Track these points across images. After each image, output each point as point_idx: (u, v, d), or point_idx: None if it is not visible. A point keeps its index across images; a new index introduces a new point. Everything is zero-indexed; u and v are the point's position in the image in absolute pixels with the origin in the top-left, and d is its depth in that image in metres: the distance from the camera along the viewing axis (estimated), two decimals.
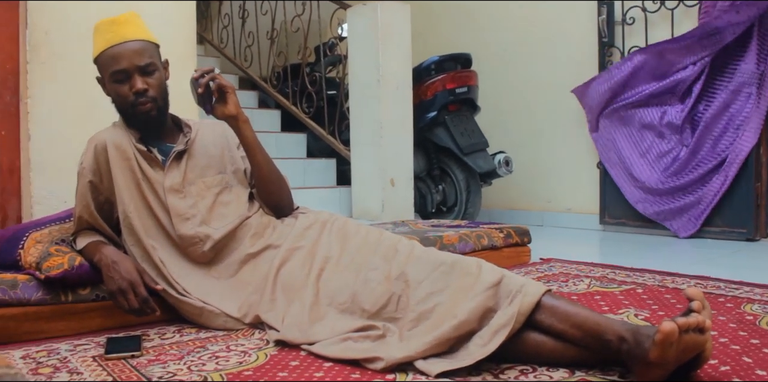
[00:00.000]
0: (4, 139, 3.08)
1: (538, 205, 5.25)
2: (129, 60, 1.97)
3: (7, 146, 3.09)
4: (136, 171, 2.04)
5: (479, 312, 1.53)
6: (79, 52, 3.05)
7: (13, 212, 3.10)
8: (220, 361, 1.63)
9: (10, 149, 3.09)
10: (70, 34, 3.06)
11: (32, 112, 2.99)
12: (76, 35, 3.06)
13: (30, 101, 2.99)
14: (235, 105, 2.04)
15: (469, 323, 1.52)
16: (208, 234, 1.99)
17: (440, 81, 4.51)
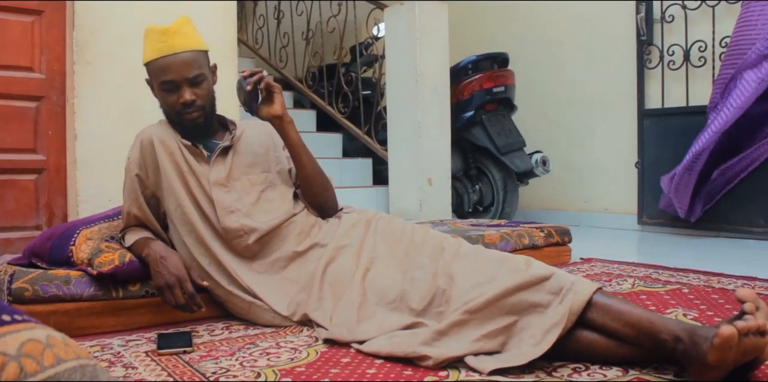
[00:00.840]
0: (51, 139, 3.14)
1: (575, 205, 5.21)
2: (178, 72, 1.99)
3: (54, 146, 3.14)
4: (182, 164, 2.07)
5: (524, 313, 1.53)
6: (125, 52, 3.10)
7: (60, 211, 3.16)
8: (271, 357, 1.64)
9: (57, 149, 3.15)
10: (115, 35, 3.11)
11: (78, 112, 3.04)
12: (121, 36, 3.11)
13: (76, 101, 3.04)
14: (281, 105, 2.06)
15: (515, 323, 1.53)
16: (253, 227, 2.01)
17: (477, 80, 4.51)
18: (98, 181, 3.05)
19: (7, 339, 0.70)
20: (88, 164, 3.04)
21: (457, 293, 1.67)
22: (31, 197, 3.12)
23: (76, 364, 0.74)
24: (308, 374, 1.50)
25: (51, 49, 3.15)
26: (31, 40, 3.12)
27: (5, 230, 3.06)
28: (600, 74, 4.90)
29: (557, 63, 5.26)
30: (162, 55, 1.99)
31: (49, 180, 3.15)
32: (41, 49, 3.14)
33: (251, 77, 2.02)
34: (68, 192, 3.16)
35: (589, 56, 5.02)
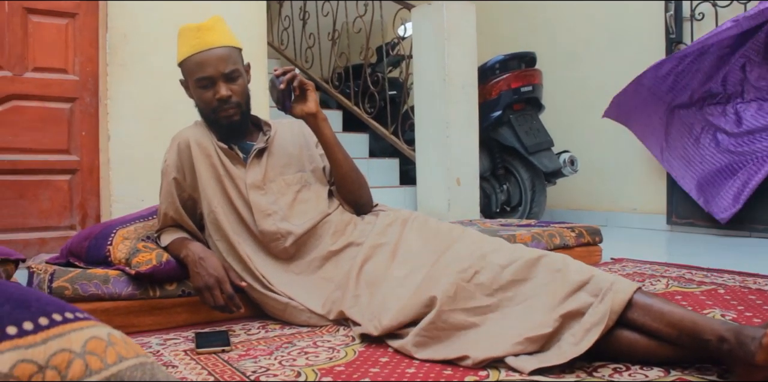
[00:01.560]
0: (84, 140, 3.17)
1: (603, 205, 5.18)
2: (214, 67, 2.00)
3: (87, 146, 3.18)
4: (218, 167, 2.08)
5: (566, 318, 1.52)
6: (156, 54, 3.13)
7: (93, 211, 3.19)
8: (309, 357, 1.65)
9: (90, 149, 3.18)
10: (147, 36, 3.15)
11: (111, 113, 3.07)
12: (153, 38, 3.14)
13: (109, 102, 3.07)
14: (315, 103, 2.07)
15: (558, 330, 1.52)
16: (289, 230, 2.02)
17: (505, 80, 4.50)
18: (131, 181, 3.08)
19: (72, 336, 0.71)
20: (121, 165, 3.08)
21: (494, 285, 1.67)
22: (65, 197, 3.15)
23: (137, 362, 0.75)
24: (348, 374, 1.50)
25: (84, 51, 3.19)
26: (65, 42, 3.15)
27: (40, 229, 3.10)
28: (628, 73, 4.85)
29: (585, 62, 5.23)
30: (197, 51, 2.01)
31: (82, 180, 3.18)
32: (75, 51, 3.18)
33: (284, 76, 2.03)
34: (101, 192, 3.19)
35: (616, 55, 4.98)
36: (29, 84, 3.07)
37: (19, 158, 3.05)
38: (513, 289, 1.65)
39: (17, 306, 0.70)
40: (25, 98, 3.07)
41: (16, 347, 0.65)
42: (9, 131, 3.03)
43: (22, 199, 3.06)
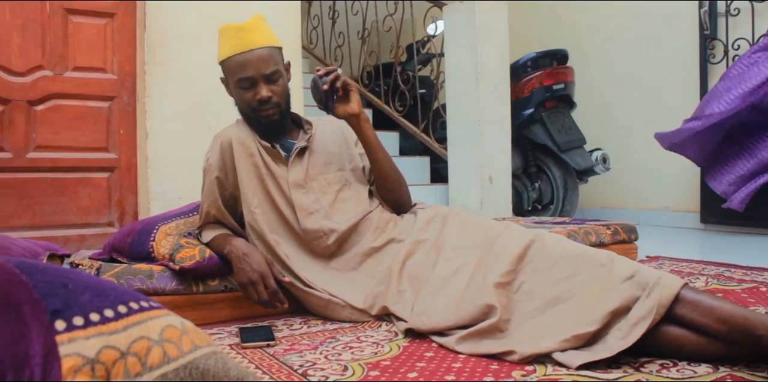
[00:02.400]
0: (122, 138, 3.21)
1: (634, 203, 5.15)
2: (255, 68, 2.01)
3: (125, 145, 3.22)
4: (260, 166, 2.09)
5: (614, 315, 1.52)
6: (194, 52, 3.16)
7: (131, 208, 3.23)
8: (354, 351, 1.66)
9: (128, 148, 3.22)
10: (185, 35, 3.18)
11: (149, 111, 3.11)
12: (190, 37, 3.17)
13: (147, 101, 3.10)
14: (357, 103, 2.08)
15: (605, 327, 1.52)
16: (332, 228, 2.03)
17: (537, 78, 4.49)
18: (168, 178, 3.11)
19: (149, 324, 0.73)
20: (159, 162, 3.11)
21: (539, 289, 1.67)
22: (104, 195, 3.19)
23: (209, 350, 0.77)
24: (395, 368, 1.51)
25: (122, 50, 3.23)
26: (103, 41, 3.19)
27: (80, 226, 3.14)
28: (661, 70, 4.83)
29: (616, 59, 5.20)
30: (238, 52, 2.02)
31: (120, 178, 3.22)
32: (113, 50, 3.21)
33: (327, 76, 2.04)
34: (139, 190, 3.22)
35: (649, 52, 4.95)
36: (69, 83, 3.12)
37: (59, 156, 3.10)
38: (559, 287, 1.65)
39: (96, 294, 0.72)
40: (65, 97, 3.11)
41: (99, 333, 0.67)
42: (50, 129, 3.07)
43: (63, 196, 3.10)
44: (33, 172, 3.05)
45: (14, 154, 3.00)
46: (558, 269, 1.69)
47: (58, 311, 0.66)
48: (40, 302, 0.66)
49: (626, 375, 1.41)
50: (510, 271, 1.73)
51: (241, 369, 0.80)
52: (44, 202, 3.07)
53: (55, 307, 0.66)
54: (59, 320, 0.66)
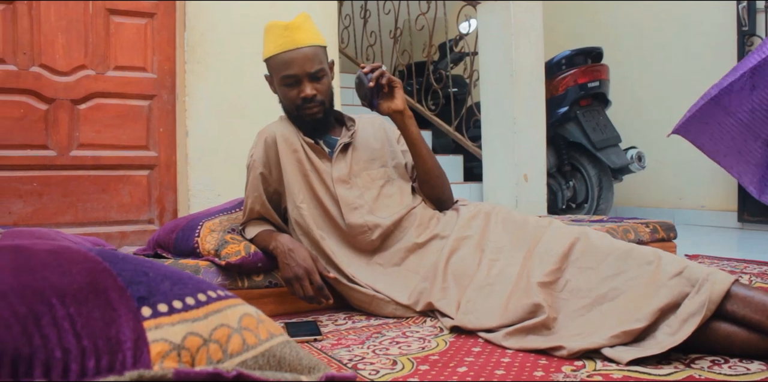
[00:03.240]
0: (162, 136, 3.25)
1: (669, 202, 5.11)
2: (300, 67, 2.04)
3: (165, 142, 3.26)
4: (304, 162, 2.11)
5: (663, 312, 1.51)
6: (233, 51, 3.19)
7: (170, 205, 3.27)
8: (401, 346, 1.67)
9: (167, 145, 3.26)
10: (224, 34, 3.21)
11: (190, 109, 3.14)
12: (229, 35, 3.21)
13: (188, 99, 3.14)
14: (402, 100, 2.09)
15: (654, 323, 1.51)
16: (376, 223, 2.04)
17: (571, 76, 4.47)
18: (208, 176, 3.15)
19: (228, 312, 0.74)
20: (199, 160, 3.14)
21: (585, 288, 1.67)
22: (144, 192, 3.23)
23: (283, 339, 0.78)
24: (444, 362, 1.52)
25: (162, 49, 3.27)
26: (144, 41, 3.24)
27: (121, 223, 3.19)
28: (697, 67, 4.79)
29: (652, 56, 5.16)
30: (284, 50, 2.04)
31: (160, 176, 3.26)
32: (153, 49, 3.26)
33: (372, 73, 2.05)
34: (178, 187, 3.26)
35: (685, 49, 4.90)
36: (110, 82, 3.16)
37: (101, 154, 3.14)
38: (606, 285, 1.64)
39: (175, 283, 0.74)
40: (107, 96, 3.16)
41: (183, 320, 0.69)
42: (92, 128, 3.12)
43: (104, 193, 3.15)
44: (76, 170, 3.10)
45: (58, 152, 3.05)
46: (604, 267, 1.68)
47: (143, 298, 0.68)
48: (125, 289, 0.68)
49: (677, 371, 1.40)
50: (554, 270, 1.73)
51: (312, 358, 0.81)
52: (87, 199, 3.11)
53: (140, 294, 0.68)
54: (145, 306, 0.67)
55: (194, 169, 3.13)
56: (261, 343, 0.74)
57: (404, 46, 5.69)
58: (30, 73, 3.00)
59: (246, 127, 3.04)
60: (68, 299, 0.62)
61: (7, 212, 2.96)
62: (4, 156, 2.96)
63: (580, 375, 1.40)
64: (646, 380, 1.36)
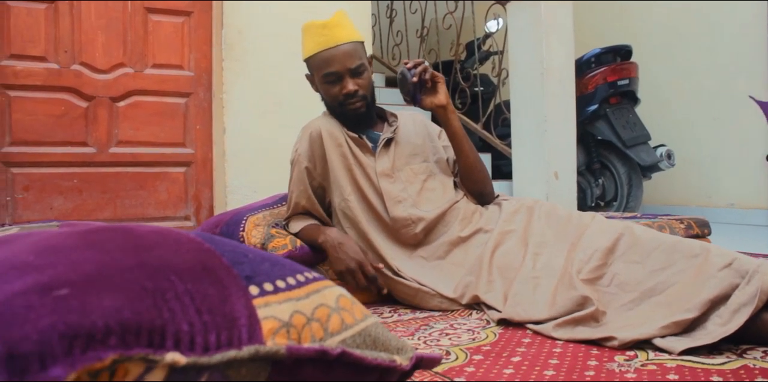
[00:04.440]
0: (198, 133, 3.29)
1: (698, 200, 5.09)
2: (341, 63, 2.07)
3: (201, 139, 3.30)
4: (348, 156, 2.14)
5: (713, 303, 1.52)
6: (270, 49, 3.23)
7: (207, 202, 3.31)
8: (451, 337, 1.69)
9: (203, 143, 3.30)
10: (261, 32, 3.25)
11: (227, 106, 3.18)
12: (266, 34, 3.24)
13: (225, 96, 3.18)
14: (445, 95, 2.11)
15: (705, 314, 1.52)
16: (420, 216, 2.07)
17: (601, 74, 4.47)
18: (245, 172, 3.19)
19: (325, 293, 0.77)
20: (236, 157, 3.18)
21: (633, 282, 1.68)
22: (181, 189, 3.28)
23: (375, 320, 0.81)
24: (497, 352, 1.53)
25: (198, 47, 3.31)
26: (181, 39, 3.28)
27: (158, 219, 3.23)
28: (727, 64, 4.77)
29: (681, 54, 5.15)
30: (324, 48, 2.07)
31: (196, 172, 3.30)
32: (190, 47, 3.30)
33: (415, 68, 2.07)
34: (215, 183, 3.30)
35: (714, 46, 4.89)
36: (148, 80, 3.21)
37: (139, 151, 3.19)
38: (653, 279, 1.65)
39: (274, 264, 0.76)
40: (145, 94, 3.21)
41: (288, 299, 0.71)
42: (130, 125, 3.17)
43: (142, 190, 3.20)
44: (115, 167, 3.15)
45: (98, 149, 3.10)
46: (651, 260, 1.69)
47: (249, 277, 0.71)
48: (231, 268, 0.71)
49: (730, 361, 1.41)
50: (600, 265, 1.75)
51: (399, 339, 0.83)
52: (125, 196, 3.16)
53: (246, 273, 0.71)
54: (252, 285, 0.70)
55: (231, 166, 3.17)
56: (357, 323, 0.77)
57: (431, 45, 5.70)
58: (71, 71, 3.06)
59: (283, 125, 3.08)
60: (185, 276, 0.65)
61: (48, 208, 3.01)
62: (46, 153, 3.01)
63: (634, 364, 1.42)
64: (701, 368, 1.37)
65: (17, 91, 2.97)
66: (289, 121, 2.94)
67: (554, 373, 1.37)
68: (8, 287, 0.55)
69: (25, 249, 0.65)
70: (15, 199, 2.97)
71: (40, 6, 3.00)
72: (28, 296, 0.53)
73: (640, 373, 1.36)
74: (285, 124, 3.01)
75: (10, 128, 2.96)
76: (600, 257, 1.77)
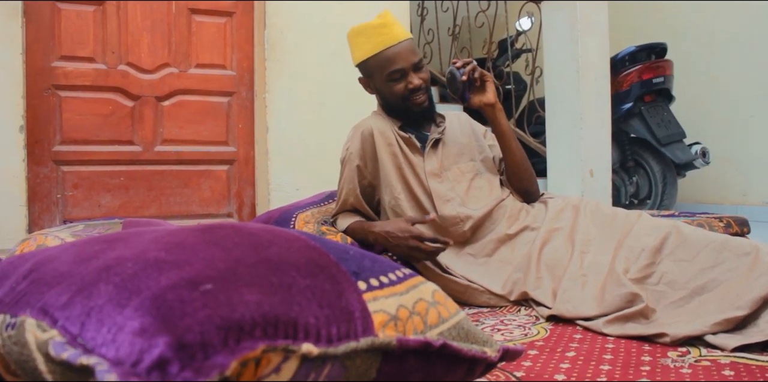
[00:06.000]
0: (241, 132, 3.36)
1: (732, 198, 5.08)
2: (406, 59, 2.11)
3: (243, 138, 3.36)
4: (398, 156, 2.18)
5: (765, 301, 1.54)
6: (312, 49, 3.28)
7: (249, 199, 3.37)
8: (504, 333, 1.73)
9: (246, 141, 3.37)
10: (303, 32, 3.30)
11: (270, 106, 3.24)
12: (308, 34, 3.30)
13: (267, 96, 3.24)
14: (494, 93, 2.15)
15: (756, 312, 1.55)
16: (468, 215, 2.11)
17: (636, 72, 4.48)
18: (287, 171, 3.24)
19: (422, 288, 0.81)
20: (279, 155, 3.24)
21: (683, 280, 1.71)
22: (224, 186, 3.35)
23: (464, 315, 0.85)
24: (551, 347, 1.57)
25: (240, 47, 3.37)
26: (223, 39, 3.34)
27: (201, 216, 3.30)
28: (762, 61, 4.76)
29: (716, 51, 5.14)
30: (387, 46, 2.10)
31: (239, 170, 3.37)
32: (232, 47, 3.36)
33: (464, 67, 2.11)
34: (258, 181, 3.36)
35: (749, 43, 4.87)
36: (192, 79, 3.28)
37: (183, 149, 3.26)
38: (703, 277, 1.68)
39: (374, 261, 0.81)
40: (189, 93, 3.28)
41: (393, 293, 0.76)
42: (175, 124, 3.24)
43: (186, 188, 3.27)
44: (160, 165, 3.22)
45: (144, 147, 3.18)
46: (701, 258, 1.72)
47: (356, 273, 0.75)
48: (339, 264, 0.75)
49: None
50: (647, 265, 1.78)
51: (484, 333, 0.88)
52: (170, 193, 3.23)
53: (353, 269, 0.76)
54: (360, 280, 0.75)
55: (274, 164, 3.23)
56: (452, 316, 0.82)
57: (463, 43, 5.73)
58: (118, 72, 3.13)
59: (324, 124, 3.13)
60: (303, 272, 0.69)
61: (97, 205, 3.09)
62: (95, 151, 3.09)
63: (687, 360, 1.44)
64: (755, 365, 1.39)
65: (67, 91, 3.05)
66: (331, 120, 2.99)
67: (610, 368, 1.41)
68: (153, 283, 0.60)
69: (150, 247, 0.71)
70: (65, 196, 3.05)
71: (88, 8, 3.08)
72: (178, 290, 0.58)
73: (695, 369, 1.39)
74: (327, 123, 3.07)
75: (60, 128, 3.04)
76: (648, 256, 1.79)
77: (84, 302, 0.62)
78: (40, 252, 0.83)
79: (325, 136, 3.07)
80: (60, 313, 0.62)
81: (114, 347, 0.54)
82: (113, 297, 0.60)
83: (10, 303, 0.70)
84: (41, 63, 3.01)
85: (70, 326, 0.60)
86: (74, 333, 0.59)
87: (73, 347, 0.58)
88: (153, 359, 0.52)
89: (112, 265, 0.67)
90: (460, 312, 0.85)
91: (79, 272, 0.68)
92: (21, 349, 0.63)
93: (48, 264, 0.74)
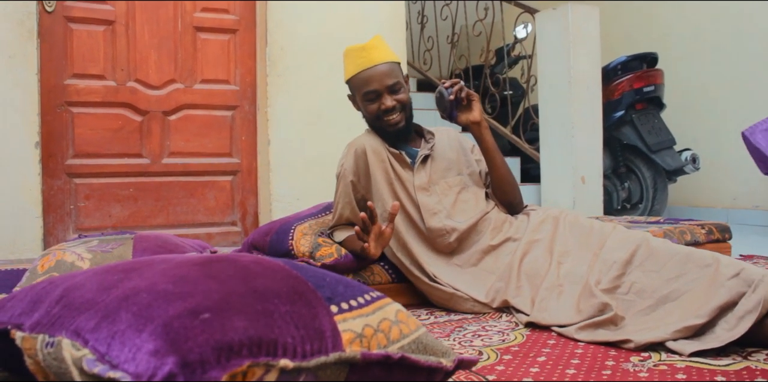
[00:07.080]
0: (244, 144, 3.51)
1: (722, 202, 5.21)
2: (380, 82, 2.27)
3: (246, 150, 3.52)
4: (389, 172, 2.34)
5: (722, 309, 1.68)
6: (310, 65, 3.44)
7: (252, 209, 3.53)
8: (483, 338, 1.88)
9: (248, 153, 3.52)
10: (302, 49, 3.46)
11: (271, 119, 3.40)
12: (306, 51, 3.45)
13: (269, 110, 3.39)
14: (480, 112, 2.30)
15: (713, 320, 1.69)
16: (454, 227, 2.26)
17: (627, 81, 4.62)
18: (288, 181, 3.40)
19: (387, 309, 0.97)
20: (280, 167, 3.40)
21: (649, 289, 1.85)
22: (228, 196, 3.50)
23: (424, 330, 1.01)
24: (525, 353, 1.72)
25: (243, 63, 3.53)
26: (227, 56, 3.50)
27: (207, 225, 3.46)
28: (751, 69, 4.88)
29: (706, 58, 5.26)
30: (363, 69, 2.27)
31: (242, 181, 3.53)
32: (236, 63, 3.52)
33: (452, 87, 2.26)
34: (259, 192, 3.52)
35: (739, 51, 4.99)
36: (197, 94, 3.44)
37: (189, 161, 3.42)
38: (669, 287, 1.82)
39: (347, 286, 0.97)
40: (194, 107, 3.44)
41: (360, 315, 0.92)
42: (181, 137, 3.40)
43: (192, 198, 3.43)
44: (167, 177, 3.38)
45: (151, 160, 3.34)
46: (667, 270, 1.86)
47: (329, 298, 0.91)
48: (315, 291, 0.91)
49: (735, 362, 1.58)
50: (618, 276, 1.92)
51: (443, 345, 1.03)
52: (177, 203, 3.39)
53: (327, 295, 0.91)
54: (332, 304, 0.90)
55: (276, 175, 3.38)
56: (412, 332, 0.97)
57: (461, 51, 5.87)
58: (127, 88, 3.29)
59: (323, 137, 3.28)
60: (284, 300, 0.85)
61: (107, 215, 3.25)
62: (105, 164, 3.25)
63: (647, 364, 1.59)
64: (707, 369, 1.53)
65: (79, 107, 3.22)
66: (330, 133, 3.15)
67: (575, 372, 1.55)
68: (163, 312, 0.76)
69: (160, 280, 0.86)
70: (78, 207, 3.21)
71: (98, 28, 3.24)
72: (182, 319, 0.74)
73: (652, 372, 1.53)
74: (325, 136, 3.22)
75: (73, 142, 3.21)
76: (618, 267, 1.94)
77: (109, 326, 0.78)
78: (68, 278, 0.98)
79: (324, 148, 3.23)
80: (90, 335, 0.78)
81: (134, 363, 0.70)
82: (132, 323, 0.76)
83: (47, 325, 0.85)
84: (54, 81, 3.17)
85: (99, 346, 0.76)
86: (102, 352, 0.75)
87: (102, 363, 0.74)
88: (164, 373, 0.67)
89: (130, 295, 0.83)
90: (421, 328, 1.00)
91: (103, 299, 0.84)
92: (59, 364, 0.79)
93: (75, 291, 0.90)
